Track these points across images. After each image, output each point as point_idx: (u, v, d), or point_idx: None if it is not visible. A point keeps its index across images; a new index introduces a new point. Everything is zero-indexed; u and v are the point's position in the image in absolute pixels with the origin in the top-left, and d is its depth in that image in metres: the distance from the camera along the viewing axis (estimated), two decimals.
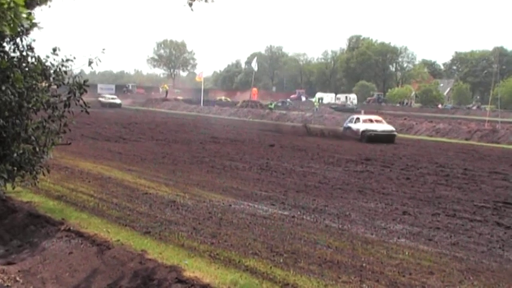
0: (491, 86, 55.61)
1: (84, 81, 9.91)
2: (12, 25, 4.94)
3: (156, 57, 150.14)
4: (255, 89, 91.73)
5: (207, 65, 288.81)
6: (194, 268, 7.94)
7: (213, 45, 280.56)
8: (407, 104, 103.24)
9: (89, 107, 9.99)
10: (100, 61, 9.72)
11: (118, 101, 77.62)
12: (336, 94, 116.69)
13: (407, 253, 9.29)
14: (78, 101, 9.78)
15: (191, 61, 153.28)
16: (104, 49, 9.79)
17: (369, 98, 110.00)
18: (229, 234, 9.94)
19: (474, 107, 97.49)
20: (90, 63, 9.66)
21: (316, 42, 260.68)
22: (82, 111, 9.89)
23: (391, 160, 23.16)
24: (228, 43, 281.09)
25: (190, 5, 9.72)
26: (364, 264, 8.48)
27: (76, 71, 10.16)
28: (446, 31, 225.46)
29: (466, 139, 37.45)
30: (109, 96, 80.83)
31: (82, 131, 28.91)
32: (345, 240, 10.01)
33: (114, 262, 8.46)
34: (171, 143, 26.98)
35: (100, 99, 75.06)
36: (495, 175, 19.68)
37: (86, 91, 9.89)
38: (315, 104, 74.09)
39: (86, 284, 8.12)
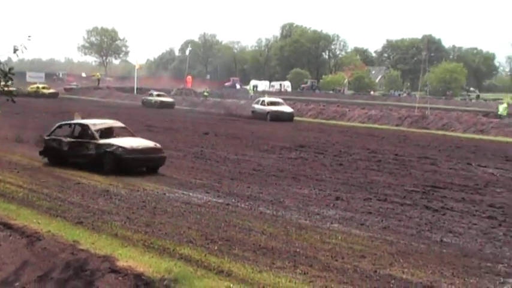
0: (421, 73, 56.81)
1: (10, 69, 9.62)
2: None
3: (87, 44, 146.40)
4: (189, 77, 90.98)
5: (141, 53, 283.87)
6: (128, 257, 7.85)
7: (146, 32, 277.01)
8: (340, 91, 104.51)
9: (15, 96, 9.72)
10: (26, 48, 9.47)
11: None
12: (270, 82, 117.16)
13: (340, 238, 9.46)
14: (3, 89, 9.49)
15: (123, 48, 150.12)
16: (29, 36, 9.53)
17: (303, 86, 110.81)
18: (164, 223, 9.89)
19: (404, 94, 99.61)
20: (15, 50, 9.38)
21: (250, 29, 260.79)
22: (8, 100, 9.61)
23: (325, 147, 23.45)
24: (162, 30, 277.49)
25: None
26: (297, 250, 8.59)
27: (2, 59, 9.85)
28: (378, 19, 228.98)
29: (397, 125, 38.24)
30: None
31: (10, 121, 28.01)
32: (279, 226, 10.11)
33: (44, 253, 8.28)
34: None
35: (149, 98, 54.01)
36: (424, 160, 20.21)
37: (11, 79, 9.61)
38: (250, 91, 74.30)
39: (15, 277, 7.91)
